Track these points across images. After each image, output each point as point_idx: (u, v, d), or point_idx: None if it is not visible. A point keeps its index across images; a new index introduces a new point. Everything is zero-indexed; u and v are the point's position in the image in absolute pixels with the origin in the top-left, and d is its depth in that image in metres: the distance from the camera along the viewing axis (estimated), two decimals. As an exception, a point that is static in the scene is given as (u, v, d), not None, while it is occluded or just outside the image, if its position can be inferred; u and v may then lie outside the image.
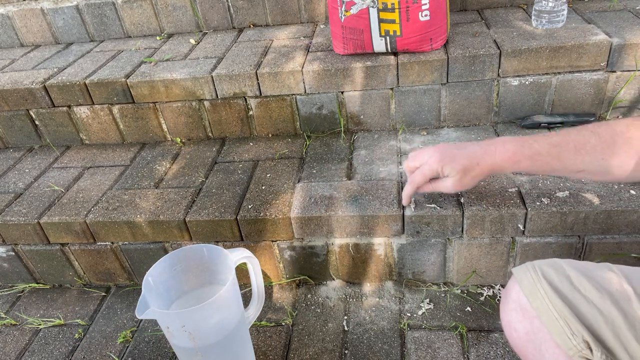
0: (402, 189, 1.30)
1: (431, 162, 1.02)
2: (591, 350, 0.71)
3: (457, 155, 0.98)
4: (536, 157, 0.87)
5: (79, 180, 1.57)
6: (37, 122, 1.75)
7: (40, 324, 1.43)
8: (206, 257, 1.02)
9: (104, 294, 1.52)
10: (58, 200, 1.48)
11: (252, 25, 1.90)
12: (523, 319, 0.78)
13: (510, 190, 1.24)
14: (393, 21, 1.41)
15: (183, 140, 1.70)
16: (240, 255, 1.02)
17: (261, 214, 1.30)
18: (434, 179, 1.06)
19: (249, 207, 1.33)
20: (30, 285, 1.57)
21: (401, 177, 1.36)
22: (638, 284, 0.75)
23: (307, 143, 1.58)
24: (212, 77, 1.55)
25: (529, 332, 0.77)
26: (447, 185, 1.01)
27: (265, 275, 1.42)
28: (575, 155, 0.83)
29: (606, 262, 0.80)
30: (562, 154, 0.84)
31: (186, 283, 1.07)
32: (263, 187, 1.40)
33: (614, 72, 1.40)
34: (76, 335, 1.39)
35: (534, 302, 0.76)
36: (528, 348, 0.79)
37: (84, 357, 1.32)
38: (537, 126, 1.46)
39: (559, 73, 1.42)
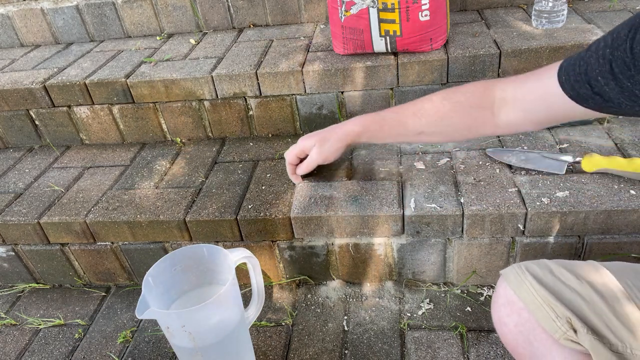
0: (402, 188, 1.30)
1: (297, 142, 1.21)
2: (575, 332, 0.74)
3: (316, 132, 1.19)
4: (381, 122, 1.03)
5: (79, 180, 1.57)
6: (37, 122, 1.75)
7: (40, 324, 1.43)
8: (206, 257, 1.02)
9: (104, 294, 1.52)
10: (58, 200, 1.48)
11: (252, 25, 1.90)
12: (511, 312, 0.82)
13: (510, 190, 1.24)
14: (393, 21, 1.41)
15: (183, 140, 1.70)
16: (240, 255, 1.02)
17: (261, 214, 1.30)
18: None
19: (249, 207, 1.33)
20: (30, 285, 1.57)
21: (401, 178, 1.36)
22: (616, 272, 0.79)
23: (307, 143, 1.58)
24: (212, 77, 1.55)
25: (518, 324, 0.81)
26: (312, 157, 1.18)
27: (265, 275, 1.42)
28: (414, 118, 0.97)
29: (591, 260, 0.84)
30: (403, 118, 0.99)
31: (186, 283, 1.07)
32: (263, 187, 1.40)
33: (614, 72, 1.40)
34: (76, 335, 1.39)
35: (520, 294, 0.81)
36: (518, 340, 0.82)
37: (84, 357, 1.32)
38: (537, 126, 1.46)
39: (559, 73, 1.42)
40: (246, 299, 1.29)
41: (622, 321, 0.73)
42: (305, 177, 1.36)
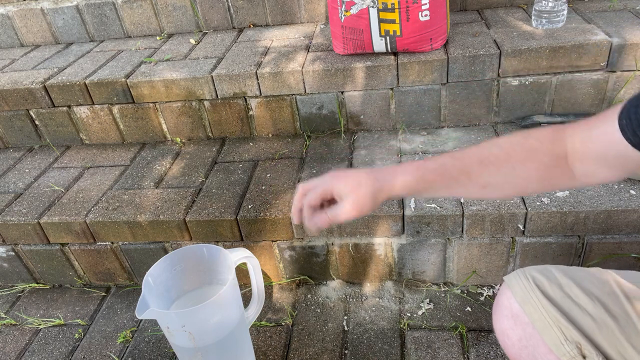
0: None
1: (325, 179, 0.82)
2: (584, 357, 0.71)
3: (352, 174, 0.82)
4: (441, 169, 0.79)
5: (79, 180, 1.57)
6: (37, 122, 1.75)
7: (40, 324, 1.43)
8: (206, 257, 1.02)
9: (104, 294, 1.52)
10: (58, 200, 1.48)
11: (252, 25, 1.90)
12: (515, 326, 0.78)
13: (510, 190, 1.24)
14: (393, 21, 1.41)
15: (183, 140, 1.70)
16: (240, 255, 1.01)
17: (261, 214, 1.30)
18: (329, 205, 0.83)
19: (249, 207, 1.33)
20: (30, 285, 1.57)
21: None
22: (627, 287, 0.75)
23: (307, 143, 1.58)
24: (212, 77, 1.55)
25: (522, 339, 0.78)
26: (346, 209, 0.79)
27: (265, 275, 1.42)
28: (480, 167, 0.77)
29: (597, 267, 0.80)
30: (467, 166, 0.78)
31: (186, 283, 1.07)
32: (263, 187, 1.40)
33: (614, 72, 1.40)
34: (76, 335, 1.39)
35: (526, 309, 0.77)
36: (522, 355, 0.79)
37: (84, 357, 1.32)
38: (537, 126, 1.46)
39: (559, 73, 1.42)
40: (246, 299, 1.29)
41: (635, 348, 0.70)
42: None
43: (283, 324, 1.32)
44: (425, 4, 1.38)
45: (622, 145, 0.63)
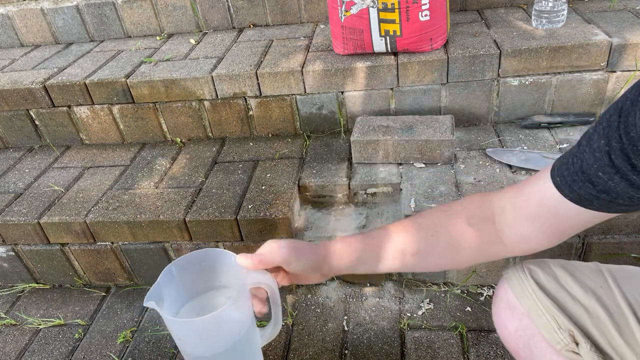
0: (400, 189, 1.30)
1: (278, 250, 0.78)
2: (577, 344, 0.72)
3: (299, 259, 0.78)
4: (360, 239, 0.79)
5: (79, 180, 1.57)
6: (37, 122, 1.75)
7: (40, 324, 1.43)
8: (233, 264, 0.96)
9: (104, 294, 1.52)
10: (58, 200, 1.48)
11: (252, 25, 1.90)
12: (512, 317, 0.80)
13: (510, 190, 1.24)
14: (393, 21, 1.41)
15: (183, 140, 1.70)
16: (257, 279, 0.93)
17: (261, 214, 1.30)
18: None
19: (249, 207, 1.33)
20: (30, 285, 1.57)
21: (401, 177, 1.36)
22: (623, 282, 0.76)
23: (307, 143, 1.58)
24: (212, 77, 1.55)
25: (519, 329, 0.80)
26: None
27: (265, 275, 1.42)
28: (404, 233, 0.76)
29: (595, 262, 0.82)
30: (391, 233, 0.77)
31: (206, 282, 1.01)
32: (263, 187, 1.40)
33: (614, 72, 1.40)
34: (76, 335, 1.39)
35: (522, 300, 0.79)
36: (519, 344, 0.81)
37: (84, 357, 1.32)
38: (537, 126, 1.46)
39: (559, 73, 1.42)
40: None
41: (626, 340, 0.71)
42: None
43: (283, 324, 1.32)
44: (425, 4, 1.38)
45: (557, 200, 0.64)
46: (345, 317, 1.31)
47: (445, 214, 0.77)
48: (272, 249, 0.76)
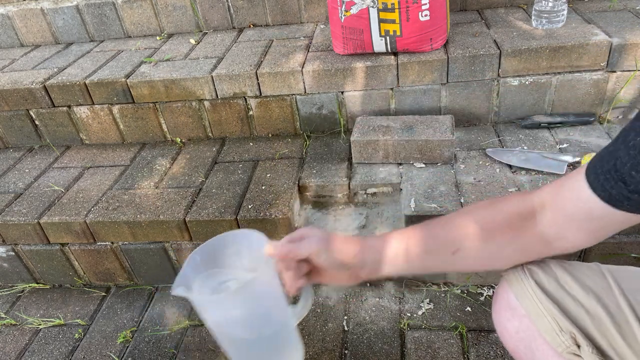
0: (401, 190, 1.30)
1: (309, 246, 0.73)
2: (579, 347, 0.72)
3: (343, 251, 0.74)
4: (399, 237, 0.75)
5: (79, 180, 1.57)
6: (37, 122, 1.75)
7: (40, 324, 1.43)
8: (255, 244, 0.92)
9: (104, 294, 1.52)
10: (58, 200, 1.48)
11: (252, 25, 1.90)
12: (512, 318, 0.79)
13: (510, 190, 1.24)
14: (393, 21, 1.41)
15: (183, 140, 1.70)
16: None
17: (261, 214, 1.30)
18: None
19: (249, 207, 1.33)
20: (30, 285, 1.57)
21: (401, 177, 1.36)
22: (624, 283, 0.76)
23: (307, 143, 1.58)
24: (212, 77, 1.55)
25: (519, 331, 0.79)
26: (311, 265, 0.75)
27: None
28: (444, 229, 0.74)
29: (596, 262, 0.81)
30: (432, 230, 0.75)
31: (230, 266, 0.98)
32: (263, 187, 1.40)
33: (614, 72, 1.40)
34: (76, 335, 1.39)
35: (522, 301, 0.78)
36: (519, 347, 0.80)
37: (84, 357, 1.32)
38: (537, 126, 1.46)
39: (559, 73, 1.42)
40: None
41: (627, 342, 0.70)
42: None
43: (283, 324, 1.32)
44: (425, 4, 1.38)
45: (590, 200, 0.63)
46: (345, 317, 1.31)
47: (487, 211, 0.74)
48: (305, 240, 0.71)
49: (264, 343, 0.87)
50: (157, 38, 1.93)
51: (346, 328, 1.29)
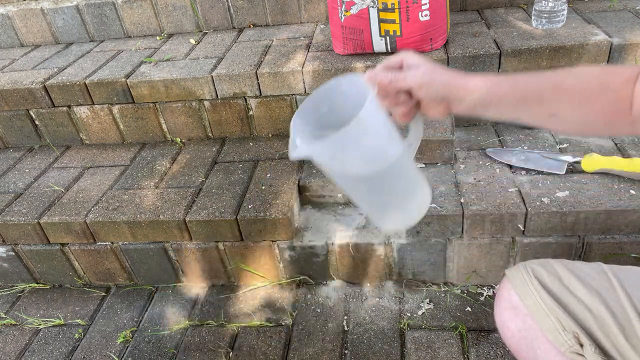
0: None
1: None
2: (581, 346, 0.72)
3: (428, 65, 0.72)
4: (514, 85, 0.71)
5: (79, 180, 1.57)
6: (37, 122, 1.75)
7: (40, 324, 1.43)
8: (349, 91, 0.90)
9: (104, 294, 1.52)
10: (58, 200, 1.48)
11: (252, 25, 1.90)
12: (515, 317, 0.80)
13: (510, 190, 1.24)
14: (393, 21, 1.41)
15: (183, 140, 1.70)
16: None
17: (261, 214, 1.30)
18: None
19: (249, 207, 1.33)
20: (30, 285, 1.57)
21: (401, 177, 1.36)
22: (628, 283, 0.76)
23: (307, 143, 1.58)
24: (212, 77, 1.55)
25: (522, 330, 0.79)
26: (412, 75, 0.72)
27: (264, 275, 1.42)
28: (554, 93, 0.70)
29: (598, 262, 0.81)
30: (541, 89, 0.70)
31: (334, 123, 0.95)
32: (263, 187, 1.40)
33: (614, 72, 1.40)
34: (76, 335, 1.39)
35: (525, 300, 0.78)
36: (521, 345, 0.80)
37: (84, 357, 1.32)
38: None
39: (559, 73, 1.42)
40: (247, 299, 1.28)
41: (630, 342, 0.71)
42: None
43: (283, 324, 1.32)
44: (425, 4, 1.38)
45: None
46: (345, 317, 1.31)
47: (597, 81, 0.69)
48: (410, 71, 0.68)
49: (387, 178, 0.84)
50: (157, 38, 1.93)
51: (346, 328, 1.29)
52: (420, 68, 0.69)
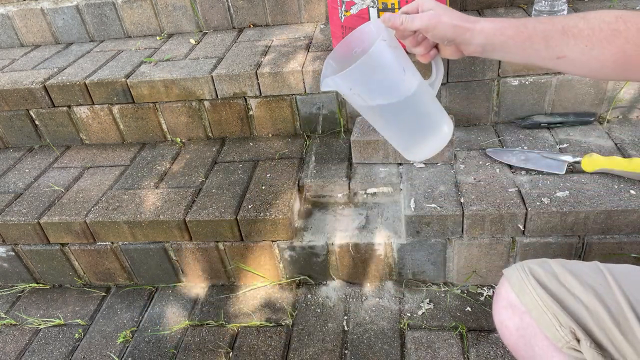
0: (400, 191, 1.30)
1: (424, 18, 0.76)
2: (578, 341, 0.73)
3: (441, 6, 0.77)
4: (521, 27, 0.74)
5: (79, 180, 1.57)
6: (37, 122, 1.75)
7: (40, 324, 1.43)
8: (374, 32, 0.95)
9: (104, 294, 1.52)
10: (58, 200, 1.48)
11: (252, 25, 1.90)
12: (513, 316, 0.81)
13: (510, 190, 1.24)
14: (393, 21, 1.41)
15: (183, 140, 1.70)
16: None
17: (261, 214, 1.30)
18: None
19: (249, 207, 1.33)
20: (30, 285, 1.57)
21: (401, 177, 1.36)
22: (623, 280, 0.77)
23: (307, 143, 1.58)
24: (212, 77, 1.55)
25: (520, 328, 0.80)
26: (423, 17, 0.76)
27: (264, 275, 1.42)
28: (561, 36, 0.72)
29: (595, 261, 0.82)
30: (548, 31, 0.73)
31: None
32: (263, 187, 1.40)
33: (614, 72, 1.40)
34: (76, 335, 1.39)
35: (522, 298, 0.79)
36: (519, 344, 0.81)
37: (84, 357, 1.32)
38: (537, 126, 1.46)
39: (559, 73, 1.42)
40: (245, 299, 1.28)
41: (626, 337, 0.71)
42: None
43: (283, 324, 1.32)
44: (425, 4, 1.37)
45: None
46: (345, 317, 1.31)
47: (608, 27, 0.70)
48: (418, 14, 0.73)
49: (407, 111, 0.87)
50: (157, 38, 1.93)
51: (346, 328, 1.29)
52: (426, 13, 0.73)
